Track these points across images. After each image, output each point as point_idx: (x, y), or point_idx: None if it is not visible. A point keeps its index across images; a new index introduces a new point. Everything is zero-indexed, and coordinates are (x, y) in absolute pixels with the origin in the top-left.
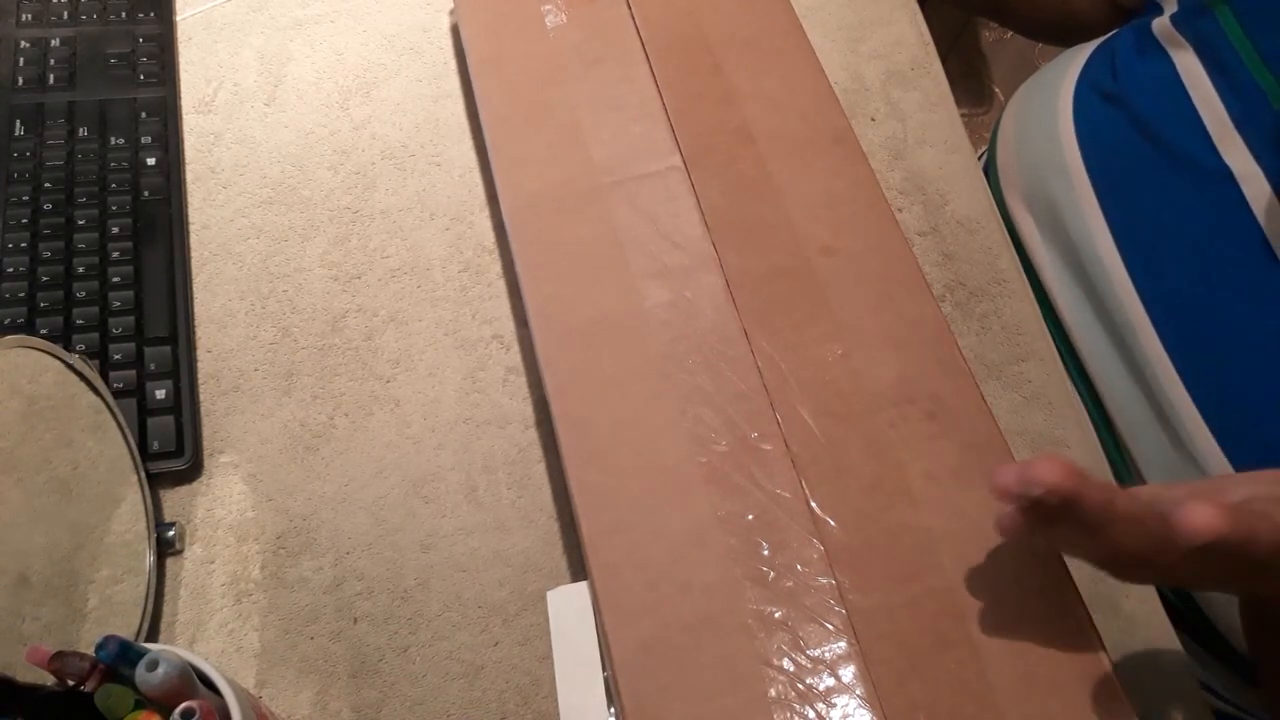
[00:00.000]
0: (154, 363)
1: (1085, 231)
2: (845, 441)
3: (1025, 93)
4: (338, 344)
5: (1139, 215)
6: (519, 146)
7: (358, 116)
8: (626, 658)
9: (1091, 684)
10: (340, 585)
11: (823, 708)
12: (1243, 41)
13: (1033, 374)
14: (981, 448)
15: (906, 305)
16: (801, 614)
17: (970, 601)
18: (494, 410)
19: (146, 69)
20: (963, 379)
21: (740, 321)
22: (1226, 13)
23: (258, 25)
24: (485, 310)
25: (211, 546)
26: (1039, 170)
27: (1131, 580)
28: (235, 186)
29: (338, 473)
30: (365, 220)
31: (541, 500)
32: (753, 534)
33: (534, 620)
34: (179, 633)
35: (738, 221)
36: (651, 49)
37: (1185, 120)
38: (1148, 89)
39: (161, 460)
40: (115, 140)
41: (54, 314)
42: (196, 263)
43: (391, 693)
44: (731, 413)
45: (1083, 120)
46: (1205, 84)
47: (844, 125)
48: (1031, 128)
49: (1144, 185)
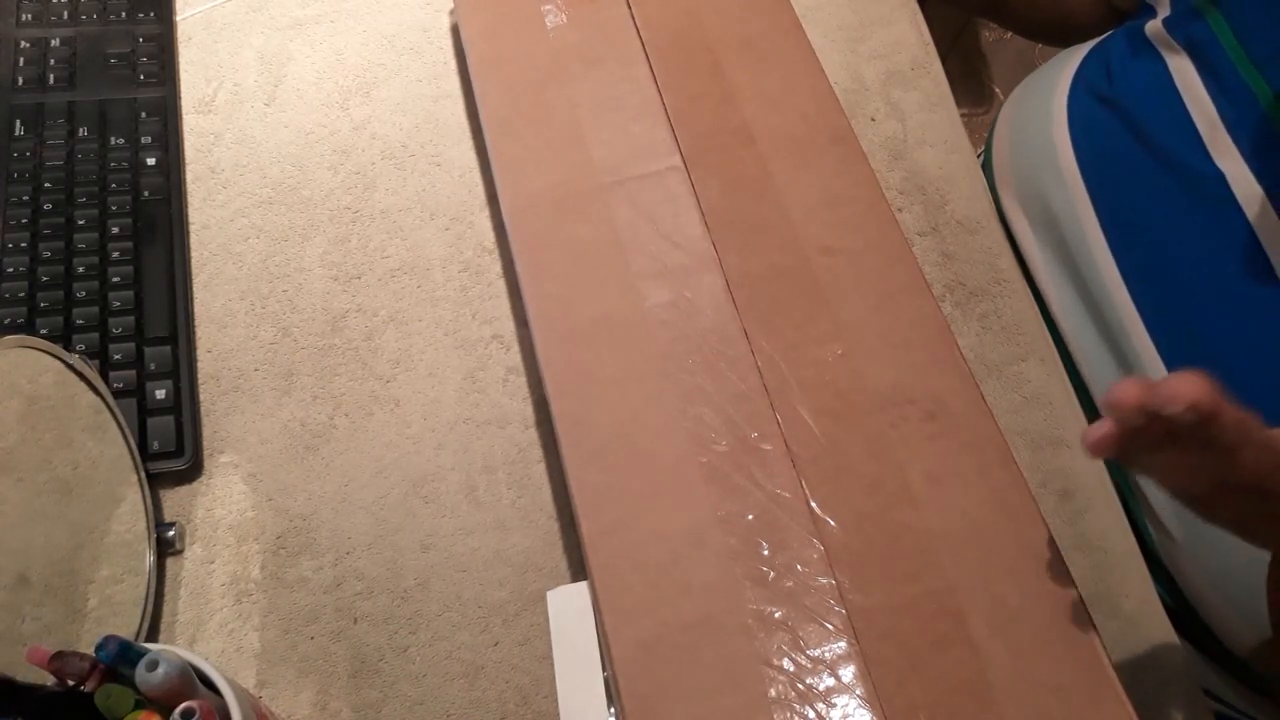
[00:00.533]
0: (154, 363)
1: (1078, 232)
2: (845, 441)
3: (1020, 94)
4: (338, 344)
5: (1132, 217)
6: (519, 146)
7: (358, 116)
8: (626, 658)
9: (1091, 684)
10: (340, 585)
11: (823, 708)
12: (1234, 45)
13: (1033, 374)
14: (981, 448)
15: (906, 305)
16: (801, 614)
17: (970, 601)
18: (494, 410)
19: (146, 69)
20: (963, 379)
21: (740, 321)
22: (1218, 17)
23: (258, 25)
24: (485, 310)
25: (211, 546)
26: (1033, 171)
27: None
28: (235, 186)
29: (338, 473)
30: (365, 220)
31: (541, 500)
32: (753, 534)
33: (534, 620)
34: (179, 633)
35: (738, 221)
36: (651, 49)
37: (1178, 123)
38: (1141, 92)
39: (161, 460)
40: (115, 140)
41: (54, 314)
42: (196, 263)
43: (391, 693)
44: (731, 413)
45: (1077, 122)
46: (1198, 87)
47: (844, 125)
48: (1026, 129)
49: (1137, 187)
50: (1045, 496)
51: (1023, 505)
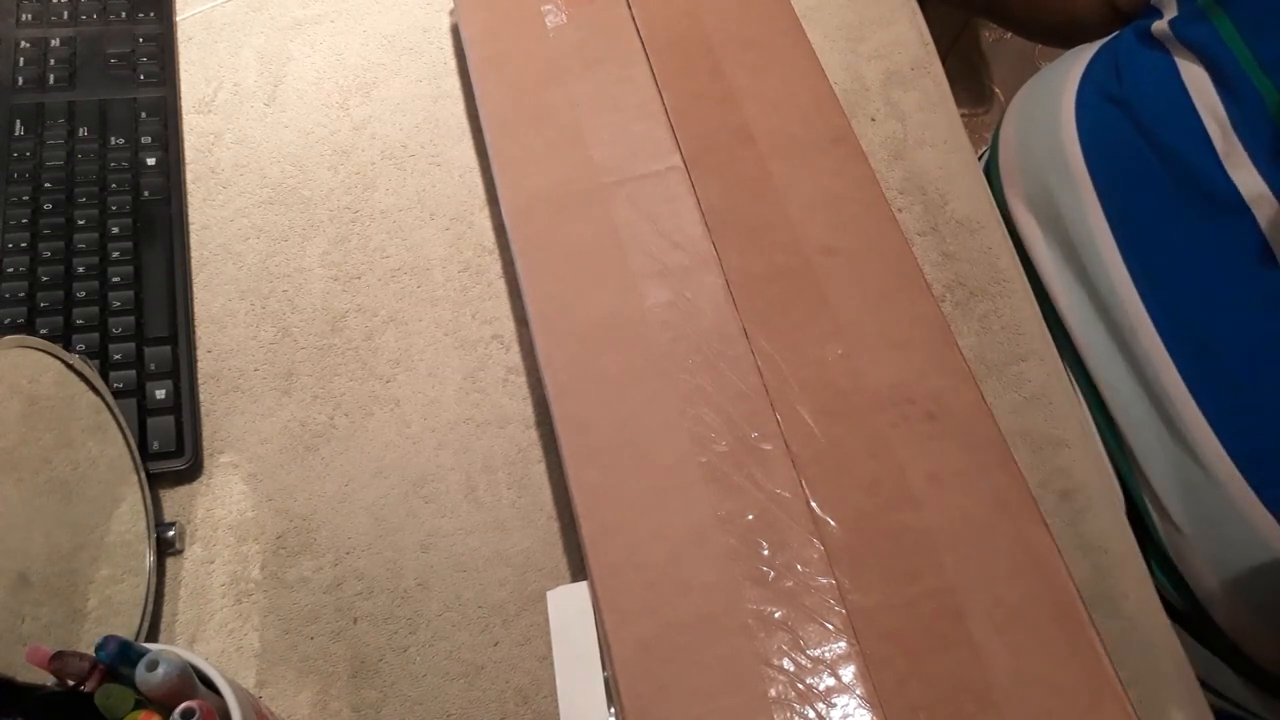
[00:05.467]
0: (154, 363)
1: (1087, 232)
2: (845, 441)
3: (1028, 93)
4: (338, 344)
5: (1141, 217)
6: (519, 146)
7: (358, 116)
8: (626, 658)
9: (1091, 684)
10: (340, 585)
11: (823, 708)
12: (1241, 48)
13: (1033, 374)
14: (981, 448)
15: (906, 305)
16: (801, 614)
17: (970, 601)
18: (494, 410)
19: (146, 69)
20: (963, 379)
21: (740, 321)
22: (1224, 18)
23: (258, 25)
24: (485, 310)
25: (211, 546)
26: (1041, 171)
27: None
28: (235, 186)
29: (338, 473)
30: (365, 220)
31: (541, 500)
32: (753, 534)
33: (534, 620)
34: (179, 633)
35: (738, 221)
36: (651, 49)
37: (1187, 124)
38: (1151, 92)
39: (161, 460)
40: (115, 140)
41: (54, 314)
42: (196, 263)
43: (391, 693)
44: (731, 413)
45: (1085, 122)
46: (1208, 88)
47: (844, 125)
48: (1034, 128)
49: (1146, 188)
50: (1045, 496)
51: (1023, 505)
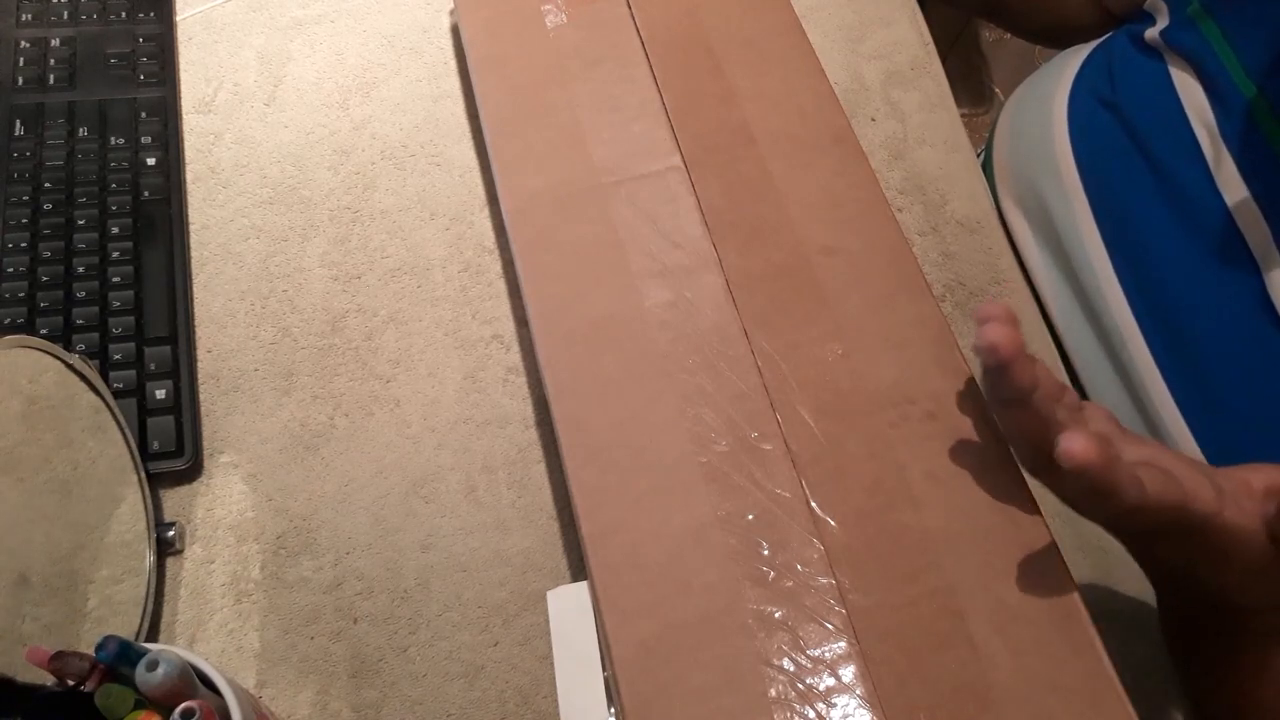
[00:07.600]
0: (154, 363)
1: (1076, 235)
2: (845, 441)
3: (1021, 94)
4: (338, 344)
5: (1129, 222)
6: (519, 146)
7: (358, 116)
8: (626, 658)
9: (1091, 684)
10: (340, 585)
11: (823, 708)
12: (1229, 56)
13: None
14: (981, 448)
15: (906, 305)
16: (801, 614)
17: (970, 601)
18: (494, 410)
19: (146, 69)
20: (963, 379)
21: (740, 321)
22: (1211, 25)
23: (258, 25)
24: (485, 310)
25: (211, 546)
26: (1032, 172)
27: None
28: (235, 186)
29: (338, 473)
30: (365, 220)
31: (541, 500)
32: (753, 534)
33: (534, 620)
34: (179, 633)
35: (738, 221)
36: (651, 49)
37: (1178, 131)
38: (1142, 97)
39: (161, 460)
40: (115, 140)
41: (54, 314)
42: (196, 263)
43: (391, 693)
44: (731, 412)
45: (1077, 125)
46: (1199, 95)
47: (844, 125)
48: (1026, 130)
49: (1135, 193)
50: (1045, 497)
51: (1023, 505)
